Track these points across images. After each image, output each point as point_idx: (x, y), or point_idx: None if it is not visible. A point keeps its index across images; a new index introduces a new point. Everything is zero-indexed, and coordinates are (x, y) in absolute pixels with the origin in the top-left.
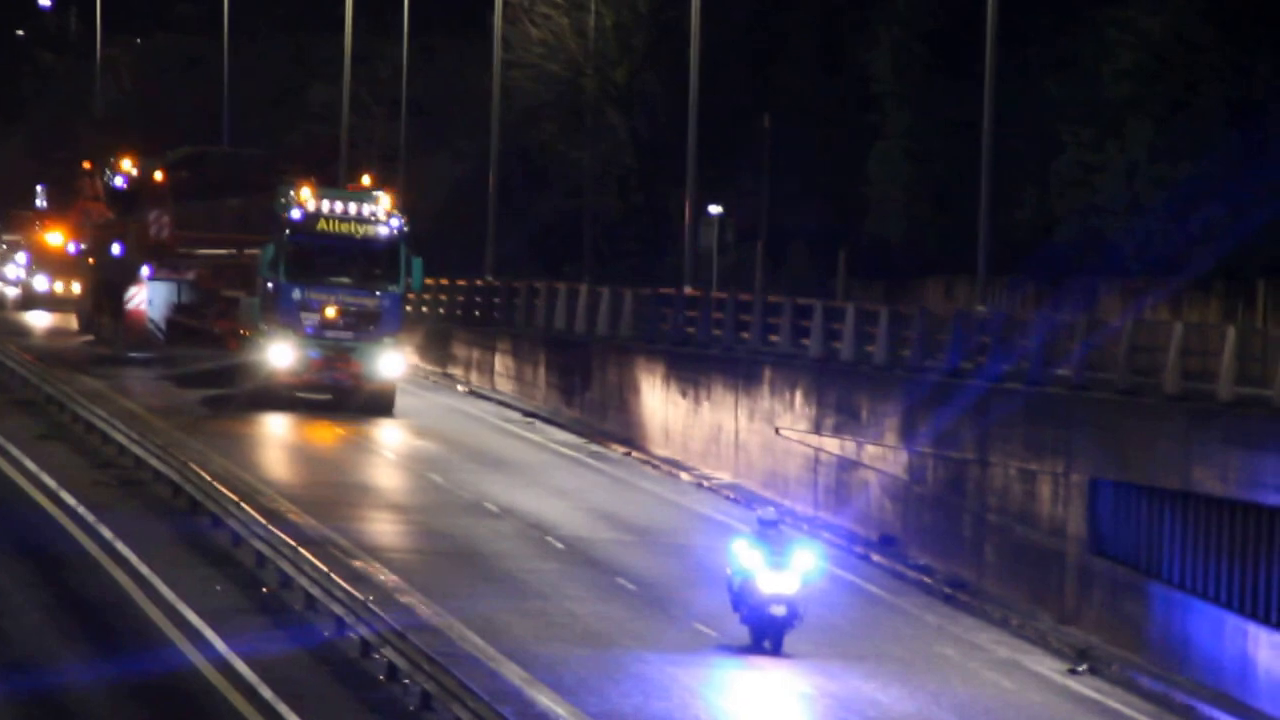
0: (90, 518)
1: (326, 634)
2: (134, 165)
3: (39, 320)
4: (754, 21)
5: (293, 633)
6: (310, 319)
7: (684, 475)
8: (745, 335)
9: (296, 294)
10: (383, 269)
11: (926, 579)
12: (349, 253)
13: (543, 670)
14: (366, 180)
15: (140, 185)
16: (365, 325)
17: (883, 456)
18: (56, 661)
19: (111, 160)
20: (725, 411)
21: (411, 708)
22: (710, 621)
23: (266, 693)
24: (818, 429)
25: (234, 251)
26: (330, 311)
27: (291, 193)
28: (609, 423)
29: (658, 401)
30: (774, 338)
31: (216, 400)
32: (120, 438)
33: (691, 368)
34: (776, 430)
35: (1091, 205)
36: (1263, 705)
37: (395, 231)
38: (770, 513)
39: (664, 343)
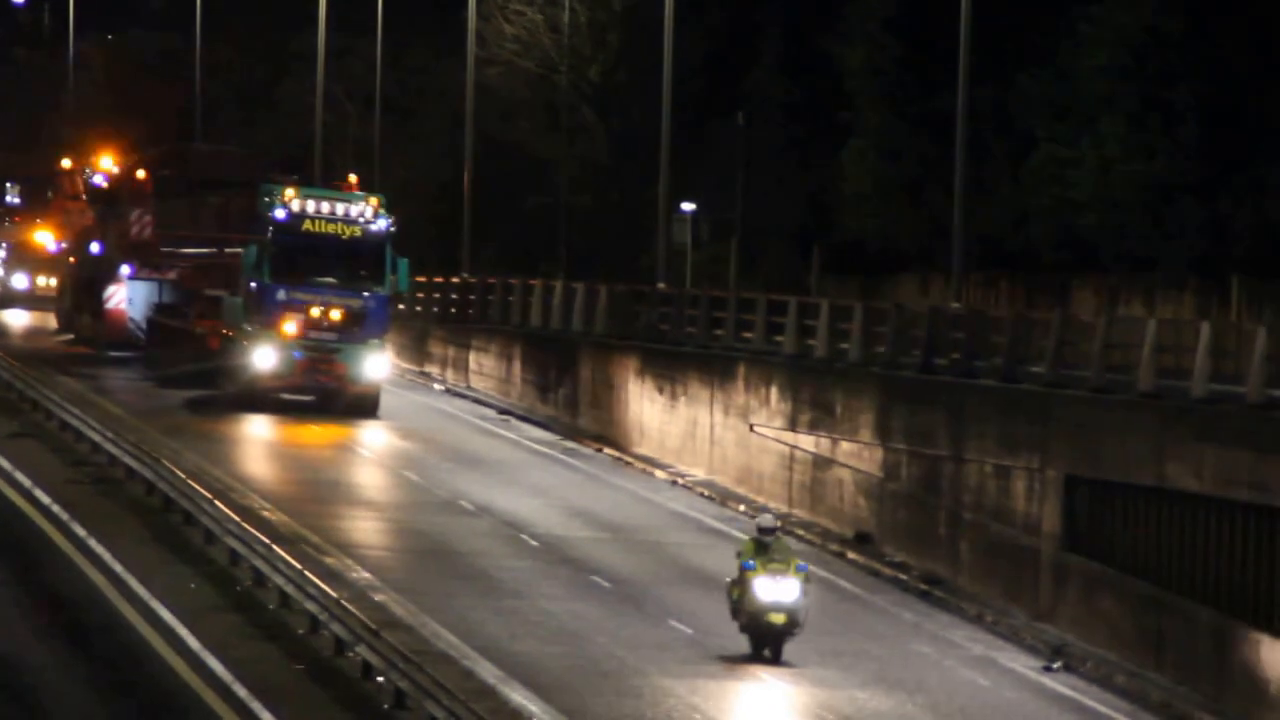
0: (63, 515)
1: (301, 632)
2: (115, 163)
3: (16, 319)
4: (727, 19)
5: (267, 630)
6: (295, 320)
7: (659, 472)
8: (720, 332)
9: (281, 295)
10: (369, 270)
11: (902, 576)
12: (334, 253)
13: (517, 668)
14: (352, 179)
15: (121, 183)
16: (351, 327)
17: (857, 453)
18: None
19: (92, 158)
20: (700, 408)
21: (386, 706)
22: (685, 619)
23: (241, 691)
24: (793, 426)
25: (216, 250)
26: (315, 312)
27: (276, 192)
28: (584, 419)
29: (633, 398)
30: (748, 334)
31: (199, 402)
32: (95, 436)
33: (666, 365)
34: (751, 427)
35: (1066, 201)
36: (1237, 701)
37: (382, 232)
38: (769, 519)
39: (639, 340)
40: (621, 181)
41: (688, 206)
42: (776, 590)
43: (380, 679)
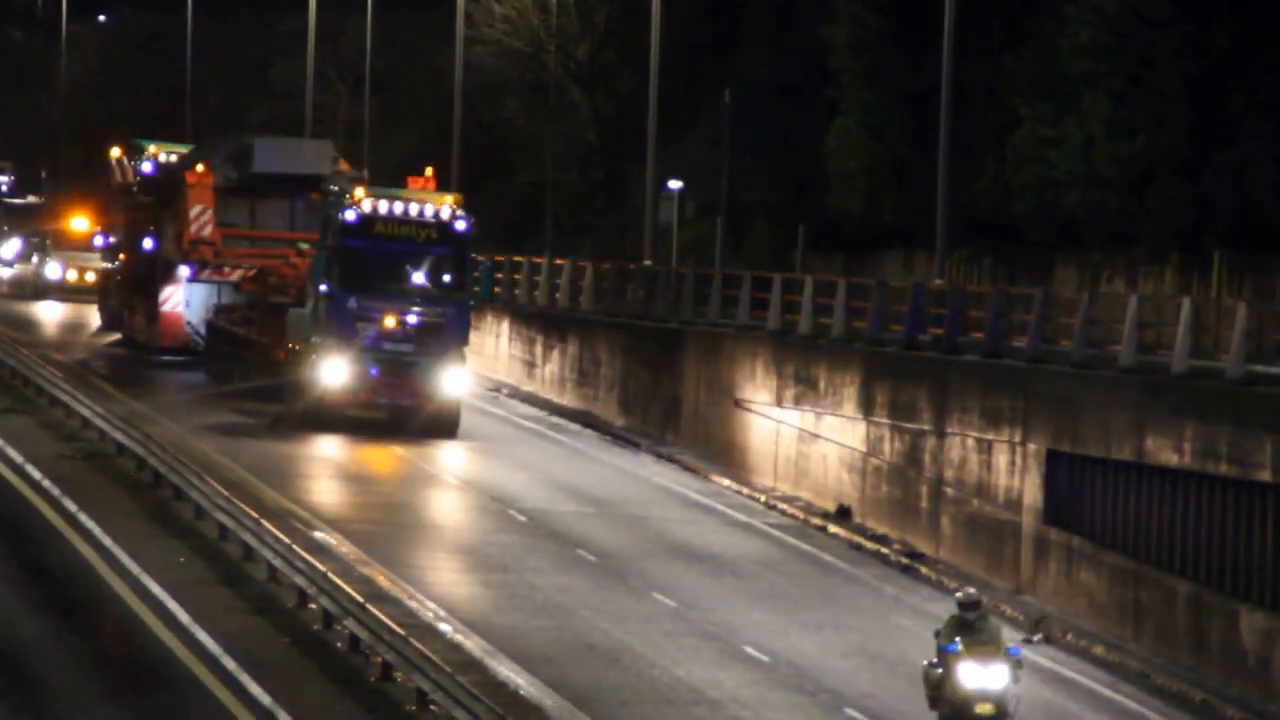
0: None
1: (289, 605)
2: (166, 151)
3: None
4: None
5: (255, 604)
6: (367, 331)
7: (643, 446)
8: (705, 309)
9: (352, 304)
10: (447, 275)
11: (884, 550)
12: (409, 258)
13: (504, 641)
14: (428, 173)
15: (176, 175)
16: (428, 338)
17: (841, 428)
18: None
19: (140, 145)
20: (686, 383)
21: (373, 678)
22: (668, 592)
23: (229, 664)
24: (777, 401)
25: (280, 251)
26: (389, 322)
27: (344, 192)
28: (569, 396)
29: (617, 374)
30: (734, 310)
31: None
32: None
33: (652, 341)
34: (736, 402)
35: (1049, 179)
36: (1214, 672)
37: (461, 233)
38: (971, 594)
39: (624, 316)
40: (608, 160)
41: (674, 184)
42: (983, 677)
43: (367, 652)
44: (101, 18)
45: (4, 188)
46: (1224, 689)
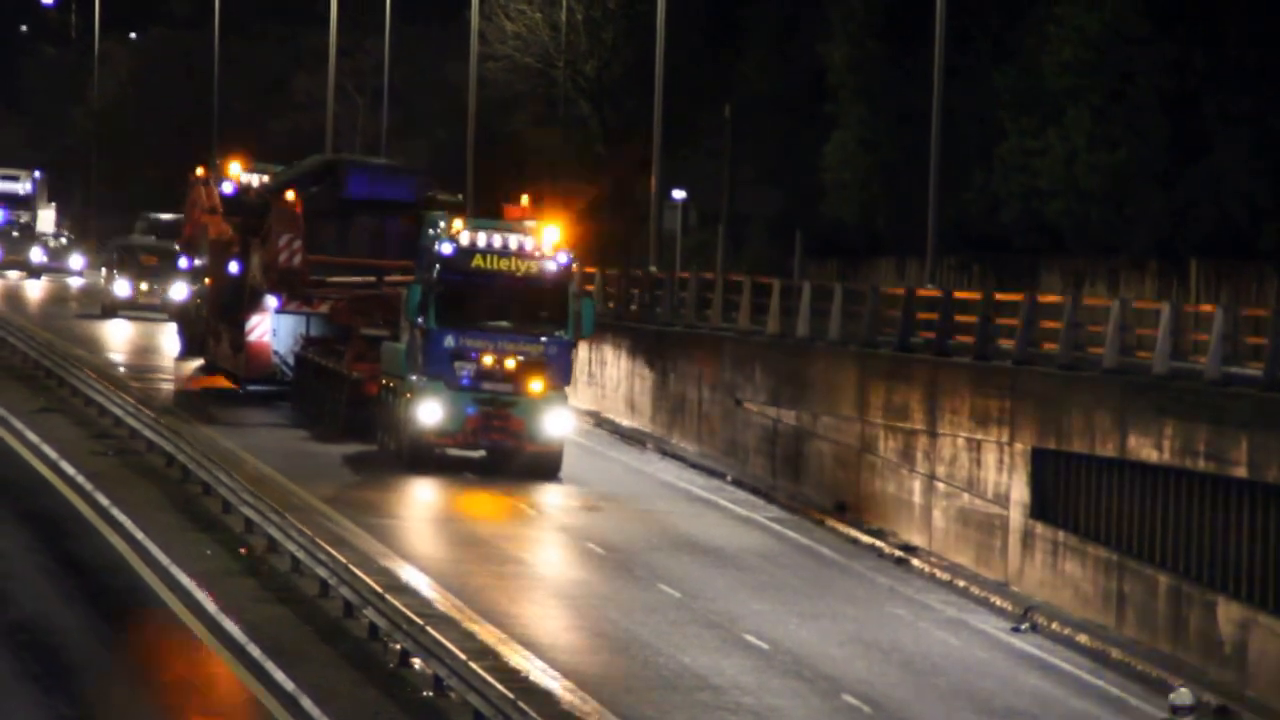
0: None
1: (311, 594)
2: (248, 170)
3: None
4: (717, 17)
5: (279, 594)
6: (465, 369)
7: (648, 444)
8: (708, 313)
9: (449, 341)
10: (549, 311)
11: (878, 543)
12: (509, 293)
13: (516, 629)
14: (525, 201)
15: (264, 200)
16: (529, 377)
17: (837, 427)
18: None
19: (221, 164)
20: (689, 384)
21: (391, 665)
22: (673, 583)
23: (255, 650)
24: (776, 401)
25: (372, 280)
26: (488, 361)
27: (441, 223)
28: (578, 395)
29: (623, 374)
30: (735, 315)
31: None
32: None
33: (657, 343)
34: (738, 402)
35: (1034, 189)
36: (1193, 659)
37: (563, 267)
38: (1185, 695)
39: (631, 320)
40: (615, 171)
41: (678, 195)
42: None
43: (386, 640)
44: (132, 35)
45: (20, 193)
46: (1202, 675)
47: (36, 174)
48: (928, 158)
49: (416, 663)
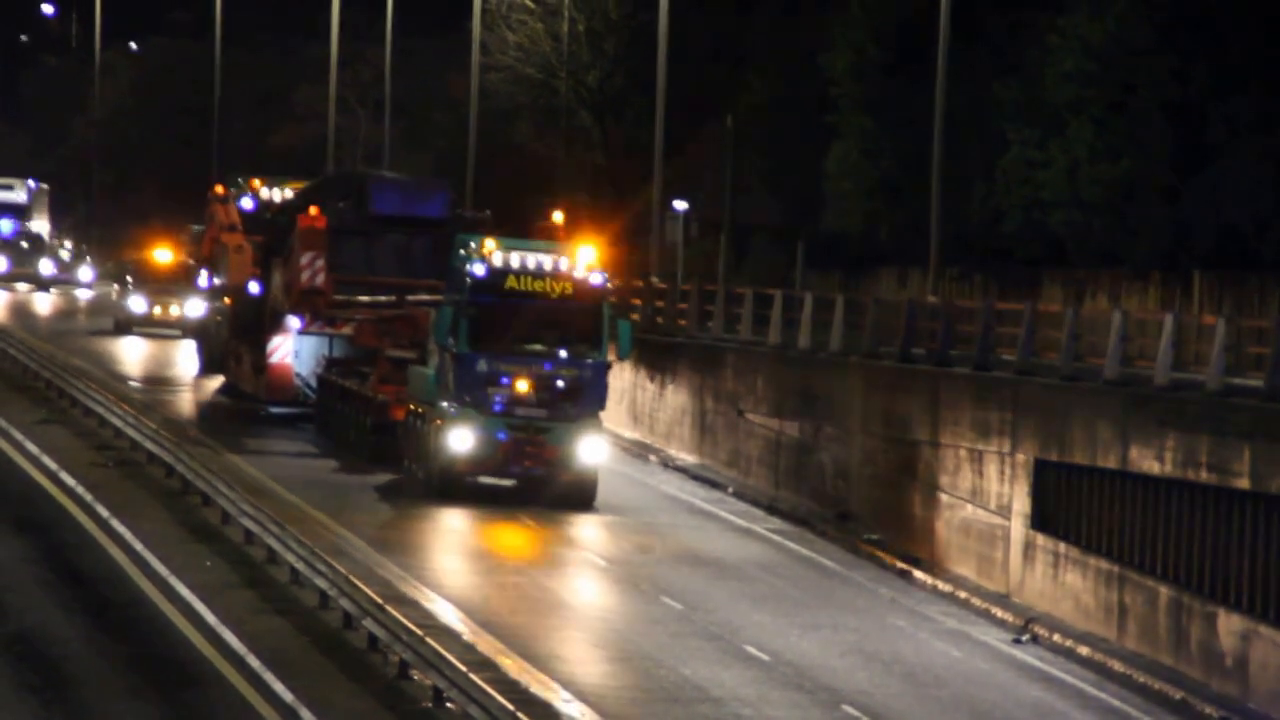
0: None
1: (311, 606)
2: (268, 185)
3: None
4: (719, 28)
5: (278, 605)
6: (497, 394)
7: (651, 456)
8: (710, 324)
9: (481, 365)
10: (584, 334)
11: (880, 554)
12: (543, 315)
13: (515, 641)
14: (557, 218)
15: (286, 217)
16: (563, 402)
17: (839, 438)
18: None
19: (240, 181)
20: (691, 395)
21: (391, 676)
22: (675, 595)
23: (254, 662)
24: (778, 412)
25: (396, 299)
26: (521, 385)
27: (473, 244)
28: None
29: (626, 385)
30: (737, 326)
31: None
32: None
33: (659, 354)
34: (740, 413)
35: (1036, 200)
36: (1194, 671)
37: (598, 288)
38: None
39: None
40: (617, 181)
41: (680, 205)
42: None
43: (385, 651)
44: (133, 45)
45: (19, 200)
46: (1203, 688)
47: (31, 183)
48: (930, 168)
49: (415, 674)
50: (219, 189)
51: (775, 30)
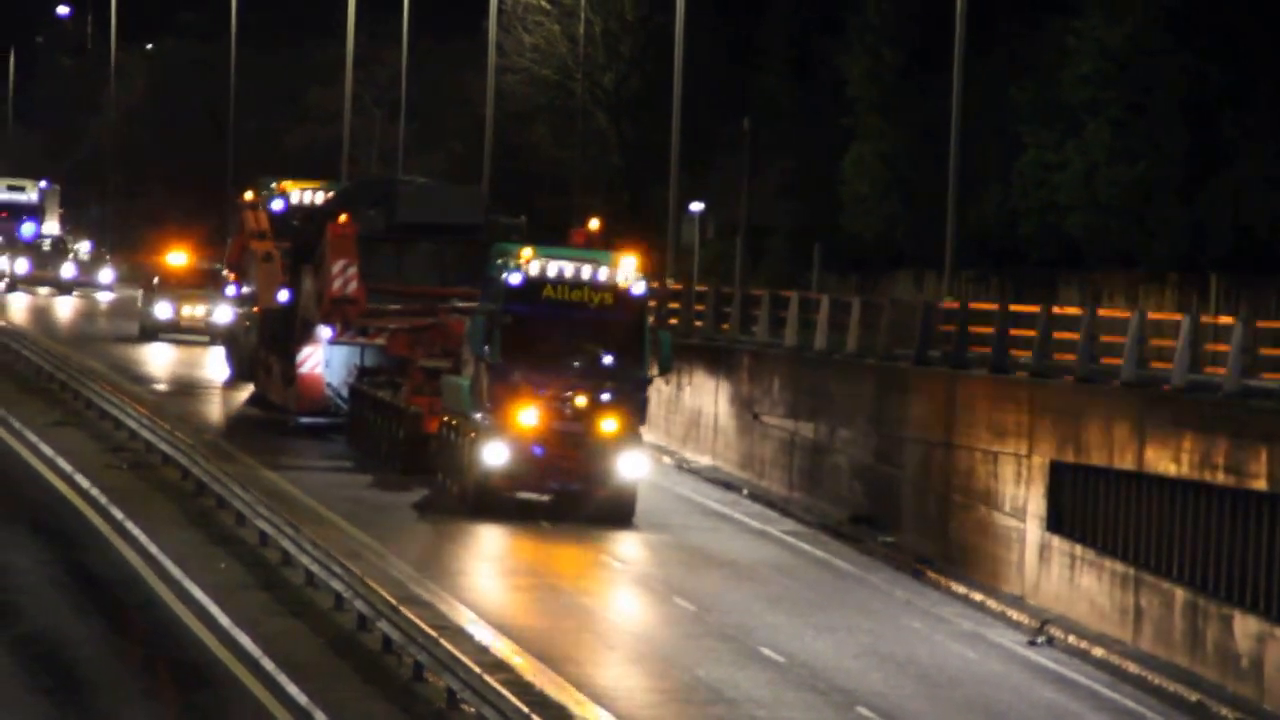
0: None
1: (326, 608)
2: (300, 188)
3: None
4: (735, 30)
5: (293, 608)
6: (533, 408)
7: (665, 458)
8: (725, 326)
9: (516, 377)
10: (623, 345)
11: (895, 555)
12: (582, 326)
13: (530, 643)
14: (593, 226)
15: (316, 224)
16: (601, 416)
17: (854, 440)
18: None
19: (272, 185)
20: (706, 397)
21: (406, 678)
22: (689, 596)
23: (268, 664)
24: (793, 414)
25: (429, 307)
26: (558, 399)
27: (510, 252)
28: None
29: None
30: (753, 328)
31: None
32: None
33: (674, 356)
34: (755, 415)
35: (1052, 203)
36: (1210, 673)
37: (639, 298)
38: None
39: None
40: (633, 183)
41: (696, 207)
42: None
43: (400, 653)
44: (149, 46)
45: (33, 201)
46: (1219, 690)
47: (43, 184)
48: (946, 171)
49: (430, 676)
50: (248, 195)
51: (792, 32)
